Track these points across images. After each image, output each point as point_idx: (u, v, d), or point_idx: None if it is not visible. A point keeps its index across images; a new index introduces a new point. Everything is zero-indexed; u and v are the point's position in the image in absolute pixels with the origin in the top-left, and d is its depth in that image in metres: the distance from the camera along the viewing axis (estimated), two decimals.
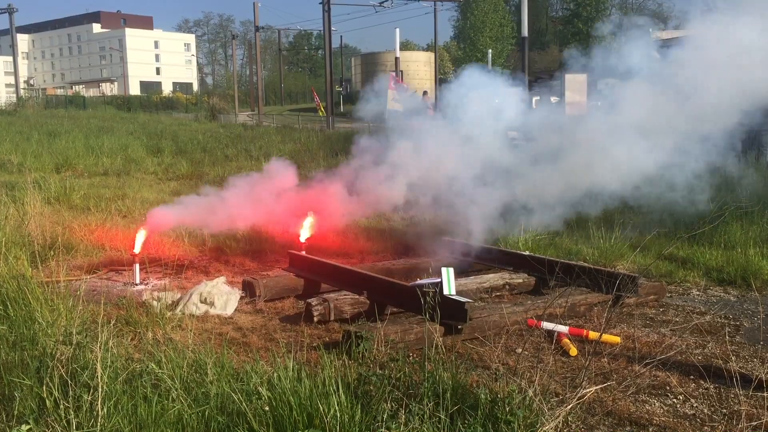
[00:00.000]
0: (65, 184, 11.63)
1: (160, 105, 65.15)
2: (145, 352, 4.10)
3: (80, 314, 4.64)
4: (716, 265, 7.12)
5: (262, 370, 3.69)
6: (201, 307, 5.72)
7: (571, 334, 5.10)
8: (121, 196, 11.51)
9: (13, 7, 59.23)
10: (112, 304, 5.56)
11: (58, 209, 9.94)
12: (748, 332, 5.38)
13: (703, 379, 4.35)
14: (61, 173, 15.07)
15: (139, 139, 22.27)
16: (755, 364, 4.68)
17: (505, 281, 6.46)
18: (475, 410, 3.28)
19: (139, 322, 5.06)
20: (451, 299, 4.96)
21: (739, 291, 6.50)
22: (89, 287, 6.28)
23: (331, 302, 5.54)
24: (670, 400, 4.09)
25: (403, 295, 5.41)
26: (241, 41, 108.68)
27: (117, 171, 15.87)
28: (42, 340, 4.10)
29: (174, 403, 3.34)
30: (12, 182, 12.31)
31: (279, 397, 3.32)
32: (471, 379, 3.83)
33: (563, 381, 4.22)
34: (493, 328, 5.10)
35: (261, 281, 6.23)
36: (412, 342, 4.71)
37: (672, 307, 6.06)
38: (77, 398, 3.22)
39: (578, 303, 5.77)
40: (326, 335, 5.26)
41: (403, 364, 3.63)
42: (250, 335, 5.24)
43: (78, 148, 18.39)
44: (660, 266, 7.09)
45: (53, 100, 63.86)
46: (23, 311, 4.67)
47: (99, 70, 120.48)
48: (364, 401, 3.35)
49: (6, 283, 5.00)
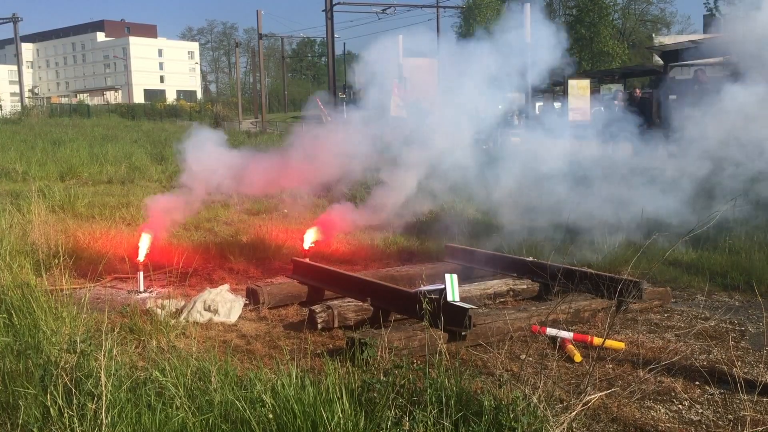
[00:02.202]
0: (69, 193, 11.66)
1: (164, 113, 65.37)
2: (149, 360, 4.11)
3: (84, 322, 4.66)
4: (721, 271, 7.10)
5: (266, 377, 3.69)
6: (205, 315, 5.73)
7: (575, 340, 5.09)
8: (126, 204, 11.52)
9: (17, 17, 59.67)
10: (116, 312, 5.57)
11: (62, 217, 9.96)
12: (753, 337, 5.36)
13: (708, 385, 4.33)
14: (65, 181, 15.11)
15: (143, 147, 22.32)
16: (760, 369, 4.66)
17: (509, 287, 6.45)
18: (479, 417, 3.27)
19: (143, 330, 5.06)
20: (455, 306, 4.96)
21: (744, 296, 6.48)
22: (93, 295, 6.30)
23: (335, 309, 5.54)
24: (676, 405, 4.07)
25: (406, 301, 5.40)
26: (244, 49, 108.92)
27: (121, 179, 15.89)
28: (46, 348, 4.10)
29: (178, 411, 3.34)
30: (17, 191, 12.35)
31: (283, 405, 3.32)
32: (475, 386, 3.83)
33: (568, 387, 4.21)
34: (496, 335, 5.09)
35: (265, 288, 6.24)
36: (416, 349, 4.71)
37: (677, 313, 6.04)
38: (81, 407, 3.23)
39: (582, 309, 5.76)
40: (330, 342, 5.26)
41: (407, 370, 3.62)
42: (254, 342, 5.24)
43: (82, 156, 18.43)
44: (664, 271, 7.07)
45: (57, 108, 64.05)
46: (28, 320, 4.68)
47: (103, 79, 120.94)
48: (368, 408, 3.34)
49: (10, 291, 5.02)
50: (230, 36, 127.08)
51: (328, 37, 39.48)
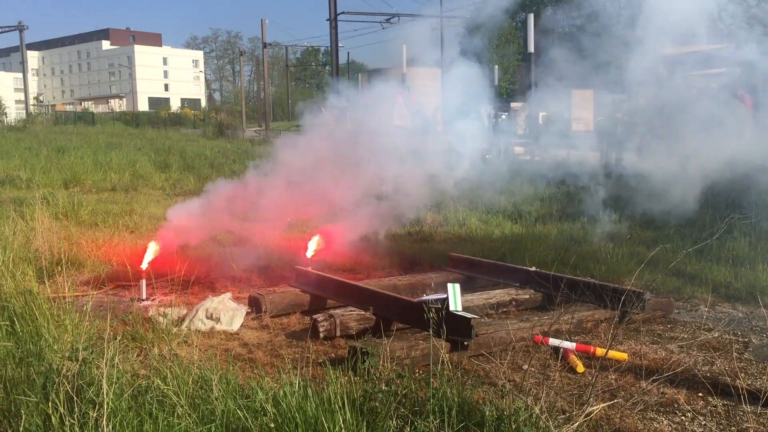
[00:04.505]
0: (73, 200, 11.67)
1: (168, 121, 65.57)
2: (151, 368, 4.10)
3: (86, 330, 4.65)
4: (724, 281, 7.08)
5: (268, 386, 3.68)
6: (207, 323, 5.73)
7: (578, 350, 5.07)
8: (129, 212, 11.54)
9: (23, 25, 60.02)
10: (118, 320, 5.57)
11: (65, 225, 9.97)
12: (757, 349, 5.34)
13: (711, 396, 4.32)
14: (69, 189, 15.13)
15: (146, 155, 22.37)
16: (764, 381, 4.64)
17: (511, 297, 6.44)
18: (481, 427, 3.26)
19: (145, 338, 5.06)
20: (457, 315, 4.95)
21: (747, 307, 6.46)
22: (96, 303, 6.29)
23: (337, 318, 5.54)
24: (678, 417, 4.06)
25: (409, 311, 5.40)
26: (248, 57, 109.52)
27: (125, 187, 15.92)
28: (48, 355, 4.10)
29: (180, 420, 3.34)
30: (20, 198, 12.37)
31: (285, 414, 3.32)
32: (477, 396, 3.82)
33: (570, 398, 4.20)
34: (499, 345, 5.08)
35: (267, 297, 6.23)
36: (418, 358, 4.70)
37: (680, 324, 6.02)
38: (83, 415, 3.22)
39: (585, 319, 5.74)
40: (332, 351, 5.25)
41: (409, 380, 3.62)
42: (255, 351, 5.23)
43: (86, 163, 18.48)
44: (668, 282, 7.05)
45: (62, 116, 64.37)
46: (30, 327, 4.68)
47: (108, 87, 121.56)
48: (370, 418, 3.34)
49: (13, 298, 5.02)
50: (234, 45, 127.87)
51: (332, 46, 39.68)
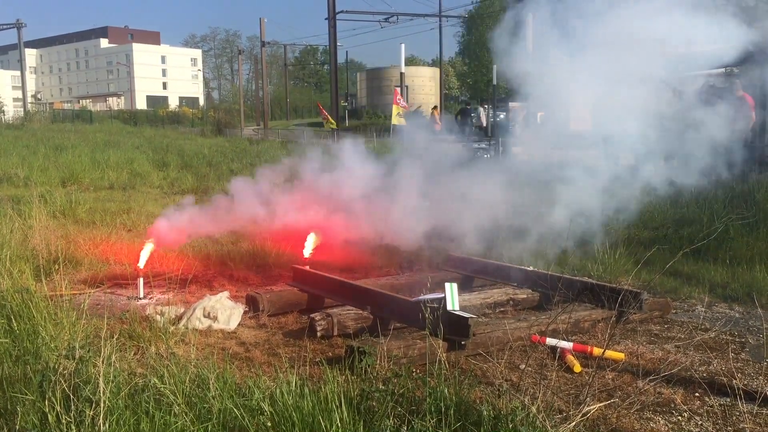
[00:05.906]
0: (71, 198, 11.66)
1: (167, 119, 65.62)
2: (148, 367, 4.10)
3: (83, 328, 4.65)
4: (721, 282, 7.10)
5: (265, 385, 3.68)
6: (204, 322, 5.72)
7: (575, 350, 5.08)
8: (127, 210, 11.52)
9: (21, 22, 59.89)
10: (115, 318, 5.56)
11: (63, 223, 9.96)
12: (753, 349, 5.35)
13: (707, 396, 4.32)
14: (66, 187, 15.11)
15: (144, 154, 22.34)
16: (760, 381, 4.65)
17: (509, 297, 6.44)
18: (478, 427, 3.26)
19: (143, 337, 5.06)
20: (455, 315, 4.95)
21: (744, 307, 6.47)
22: (93, 301, 6.30)
23: (335, 317, 5.54)
24: (675, 417, 4.06)
25: (406, 310, 5.40)
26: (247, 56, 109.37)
27: (122, 185, 15.90)
28: (45, 354, 4.10)
29: (176, 419, 3.33)
30: (18, 196, 12.34)
31: (281, 413, 3.32)
32: (474, 395, 3.82)
33: (567, 398, 4.21)
34: (496, 344, 5.08)
35: (264, 296, 6.23)
36: (416, 357, 4.70)
37: (677, 324, 6.03)
38: (79, 413, 3.22)
39: (582, 319, 5.75)
40: (329, 350, 5.25)
41: (406, 379, 3.62)
42: (253, 350, 5.23)
43: (84, 162, 18.44)
44: (665, 282, 7.06)
45: (60, 114, 64.31)
46: (27, 325, 4.67)
47: (106, 85, 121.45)
48: (367, 417, 3.34)
49: (10, 296, 5.01)
50: (233, 43, 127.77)
51: (330, 45, 39.67)
